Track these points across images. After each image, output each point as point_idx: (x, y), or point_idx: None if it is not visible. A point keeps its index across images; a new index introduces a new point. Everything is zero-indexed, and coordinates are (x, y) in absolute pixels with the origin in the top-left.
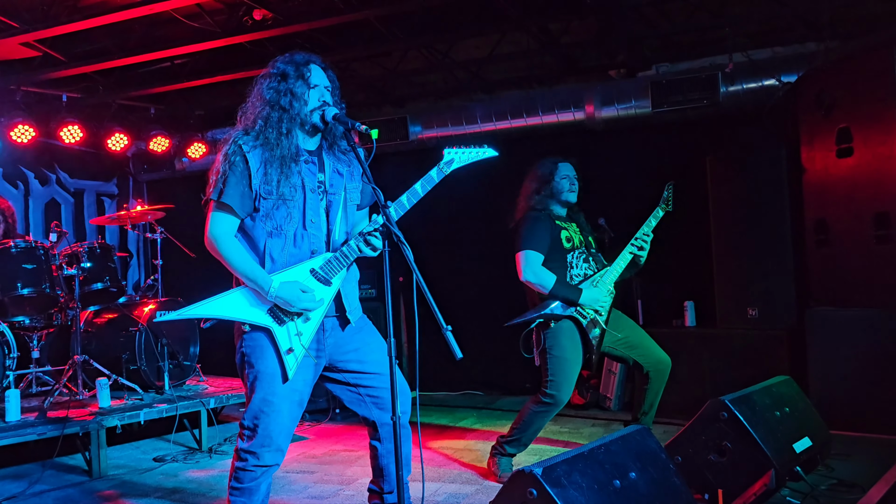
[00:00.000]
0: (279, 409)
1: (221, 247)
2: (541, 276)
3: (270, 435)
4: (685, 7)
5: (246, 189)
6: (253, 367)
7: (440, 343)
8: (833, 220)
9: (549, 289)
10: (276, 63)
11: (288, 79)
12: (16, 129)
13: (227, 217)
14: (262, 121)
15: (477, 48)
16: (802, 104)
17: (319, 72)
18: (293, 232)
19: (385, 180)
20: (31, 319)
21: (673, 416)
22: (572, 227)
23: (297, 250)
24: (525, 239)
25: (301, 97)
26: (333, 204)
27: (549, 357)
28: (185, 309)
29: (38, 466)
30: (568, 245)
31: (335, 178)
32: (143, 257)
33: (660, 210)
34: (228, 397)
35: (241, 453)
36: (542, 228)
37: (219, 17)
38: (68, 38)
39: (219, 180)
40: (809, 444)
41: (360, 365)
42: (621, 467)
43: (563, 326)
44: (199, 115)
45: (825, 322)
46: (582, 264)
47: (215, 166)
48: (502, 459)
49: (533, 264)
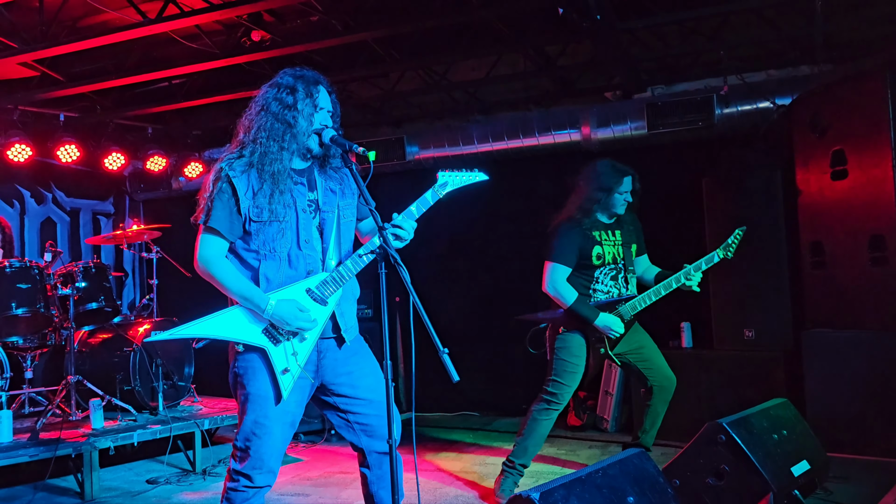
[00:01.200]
0: (271, 432)
1: (213, 268)
2: (561, 292)
3: (262, 457)
4: (681, 30)
5: (234, 213)
6: (245, 389)
7: (436, 364)
8: (829, 242)
9: (569, 305)
10: (286, 76)
11: (296, 94)
12: (13, 149)
13: (216, 239)
14: (264, 132)
15: (474, 70)
16: (797, 126)
17: (325, 95)
18: (287, 252)
19: (382, 200)
20: (24, 339)
21: (670, 438)
22: (613, 237)
23: (294, 271)
24: (555, 251)
25: (308, 117)
26: (327, 222)
27: (556, 359)
28: (178, 329)
29: (30, 489)
30: (598, 262)
31: (328, 195)
32: (138, 277)
33: (719, 254)
34: (223, 418)
35: (233, 474)
36: (574, 242)
37: (217, 38)
38: (66, 58)
39: (206, 204)
40: (808, 467)
41: (352, 390)
42: (619, 492)
43: (574, 336)
44: (196, 135)
45: (822, 344)
46: (609, 281)
47: (203, 190)
48: (508, 478)
49: (557, 278)
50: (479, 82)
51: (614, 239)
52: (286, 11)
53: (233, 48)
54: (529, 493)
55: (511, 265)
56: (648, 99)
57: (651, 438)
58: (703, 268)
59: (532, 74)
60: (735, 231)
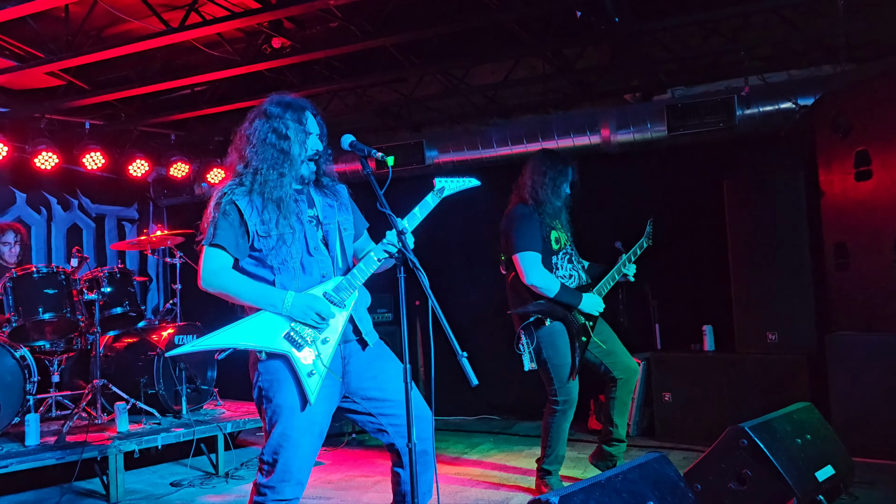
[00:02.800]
0: (298, 443)
1: (220, 279)
2: (547, 280)
3: (290, 469)
4: (701, 31)
5: (240, 231)
6: (271, 402)
7: (456, 367)
8: (853, 244)
9: (555, 293)
10: (273, 105)
11: (286, 123)
12: (40, 156)
13: (220, 253)
14: (262, 162)
15: (492, 73)
16: (819, 127)
17: (312, 120)
18: (299, 261)
19: (400, 205)
20: (51, 343)
21: (692, 443)
22: (559, 223)
23: (309, 276)
24: (521, 239)
25: (301, 143)
26: (330, 234)
27: (550, 366)
28: (199, 340)
29: (57, 490)
30: (556, 246)
31: (327, 210)
32: (162, 282)
33: (644, 243)
34: (245, 422)
35: (261, 488)
36: (534, 227)
37: (238, 45)
38: (91, 67)
39: (210, 227)
40: (832, 472)
41: (381, 392)
42: (639, 496)
43: (556, 328)
44: (218, 141)
45: (847, 347)
46: (566, 265)
47: (207, 216)
48: (550, 479)
49: (536, 266)
50: (497, 86)
51: (560, 223)
52: (306, 18)
53: (254, 55)
54: (549, 496)
55: None
56: (668, 101)
57: (624, 431)
58: (633, 259)
59: (551, 77)
60: (648, 221)
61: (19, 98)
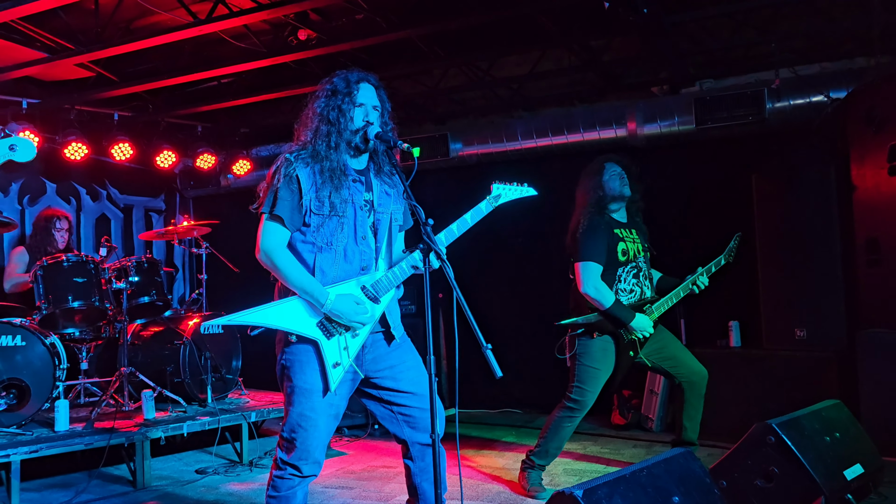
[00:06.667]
0: (316, 424)
1: (276, 258)
2: (601, 292)
3: (308, 449)
4: (730, 23)
5: (296, 203)
6: (291, 381)
7: (479, 360)
8: (885, 239)
9: (607, 307)
10: (333, 78)
11: (337, 95)
12: (70, 147)
13: (278, 228)
14: (311, 133)
15: (518, 65)
16: (852, 121)
17: (370, 91)
18: (343, 247)
19: (425, 197)
20: (80, 331)
21: (718, 439)
22: (632, 234)
23: (349, 265)
24: (585, 248)
25: (346, 113)
26: (381, 222)
27: (579, 365)
28: (237, 315)
29: (85, 476)
30: (623, 259)
31: (383, 198)
32: (188, 272)
33: (722, 259)
34: (269, 411)
35: (280, 463)
36: (601, 237)
37: (264, 37)
38: (120, 58)
39: (269, 194)
40: (861, 470)
41: (395, 382)
42: (664, 491)
43: (604, 342)
44: (245, 133)
45: (878, 344)
46: (631, 279)
47: (266, 181)
48: (532, 473)
49: (594, 277)
50: (523, 78)
51: (633, 236)
52: (332, 10)
53: (280, 47)
54: (573, 490)
55: (554, 263)
56: (696, 93)
57: (694, 434)
58: (713, 271)
59: (577, 70)
60: (734, 235)
61: (50, 89)
